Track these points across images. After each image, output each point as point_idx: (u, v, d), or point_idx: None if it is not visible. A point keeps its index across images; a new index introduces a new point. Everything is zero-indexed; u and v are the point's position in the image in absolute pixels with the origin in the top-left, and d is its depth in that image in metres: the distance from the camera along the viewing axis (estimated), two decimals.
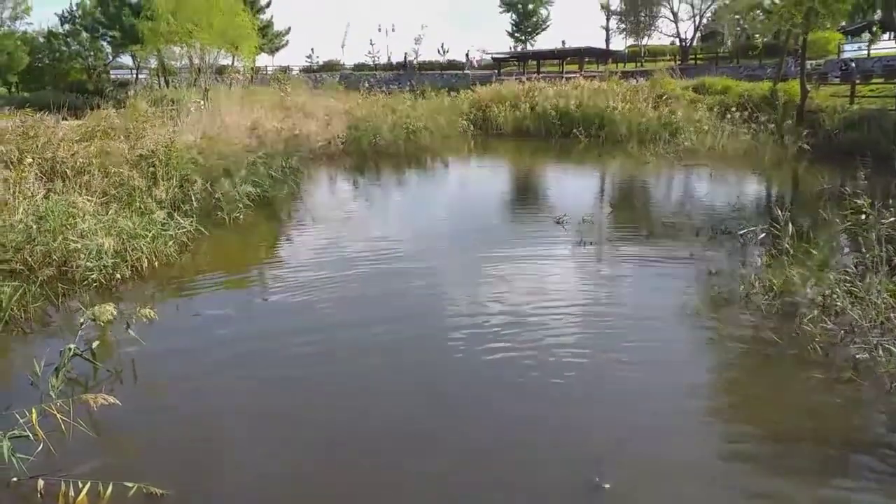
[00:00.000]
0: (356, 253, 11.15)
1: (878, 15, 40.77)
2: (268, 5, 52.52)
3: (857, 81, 26.46)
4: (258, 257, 11.47)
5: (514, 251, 11.07)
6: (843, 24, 40.96)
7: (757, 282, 8.30)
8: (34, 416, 5.03)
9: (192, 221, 11.26)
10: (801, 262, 8.27)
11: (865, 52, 34.65)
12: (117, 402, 5.35)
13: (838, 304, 7.26)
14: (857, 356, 6.43)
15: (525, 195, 18.20)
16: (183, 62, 31.03)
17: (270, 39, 52.18)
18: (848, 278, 7.61)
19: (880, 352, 6.18)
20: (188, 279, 9.80)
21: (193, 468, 5.18)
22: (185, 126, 16.34)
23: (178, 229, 10.87)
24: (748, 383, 6.53)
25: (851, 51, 36.23)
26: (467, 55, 56.35)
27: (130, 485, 4.64)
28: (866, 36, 35.50)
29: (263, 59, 54.40)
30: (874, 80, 27.53)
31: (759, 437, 5.48)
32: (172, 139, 14.20)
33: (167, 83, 32.00)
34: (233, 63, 32.34)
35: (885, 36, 35.15)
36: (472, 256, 10.89)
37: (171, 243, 10.44)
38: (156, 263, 9.88)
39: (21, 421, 5.10)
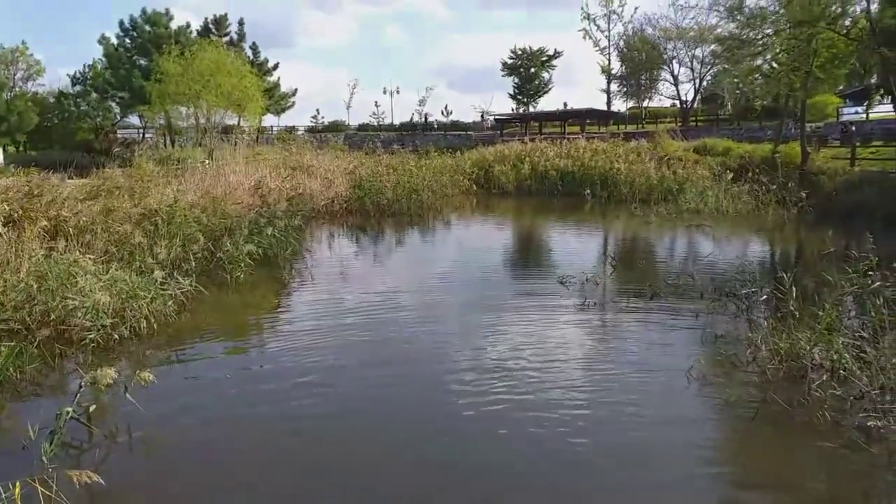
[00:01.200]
0: (357, 312, 11.07)
1: (874, 79, 41.58)
2: (275, 68, 53.82)
3: (857, 144, 26.74)
4: (258, 317, 11.38)
5: (517, 311, 10.98)
6: (842, 87, 41.78)
7: (763, 345, 8.17)
8: (17, 490, 4.86)
9: (191, 281, 11.22)
10: (807, 325, 8.15)
11: (864, 115, 35.17)
12: (101, 480, 5.15)
13: (847, 369, 7.12)
14: (869, 424, 6.25)
15: (528, 254, 18.19)
16: (189, 122, 31.61)
17: (277, 101, 53.30)
18: (856, 342, 7.48)
19: (891, 419, 6.00)
20: (187, 339, 9.69)
21: None
22: (189, 185, 16.50)
23: (178, 289, 10.82)
24: (756, 451, 6.34)
25: (850, 114, 36.79)
26: (482, 116, 57.35)
27: None
28: (876, 99, 36.05)
29: (269, 120, 55.57)
30: (874, 143, 27.83)
31: None
32: (176, 198, 14.31)
33: (173, 142, 32.55)
34: (238, 123, 32.95)
35: (884, 99, 35.64)
36: (474, 316, 10.79)
37: (170, 303, 10.37)
38: (154, 323, 9.78)
39: (3, 495, 4.93)
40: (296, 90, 59.06)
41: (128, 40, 44.02)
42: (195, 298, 11.20)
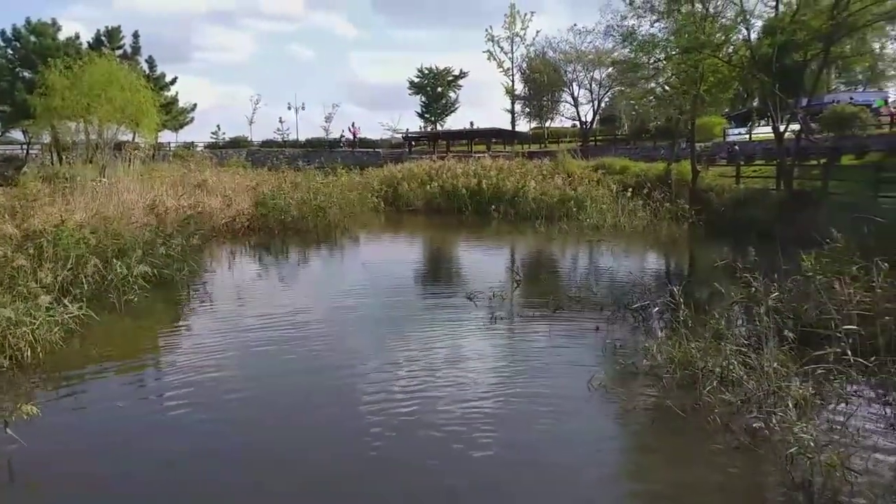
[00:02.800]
0: (259, 334, 10.74)
1: (756, 102, 44.64)
2: (172, 82, 51.96)
3: (742, 163, 28.55)
4: (154, 341, 10.84)
5: (426, 326, 11.00)
6: (727, 110, 44.58)
7: (659, 354, 8.52)
8: None
9: (81, 306, 10.57)
10: (699, 334, 8.56)
11: (747, 136, 37.58)
12: None
13: (735, 374, 7.52)
14: (754, 425, 6.61)
15: (436, 271, 18.28)
16: (79, 137, 29.99)
17: (174, 116, 51.36)
18: (742, 349, 7.92)
19: (774, 420, 6.38)
20: (76, 368, 9.10)
21: None
22: (79, 204, 15.61)
23: (66, 314, 10.17)
24: (653, 456, 6.61)
25: (735, 135, 39.20)
26: (406, 136, 57.07)
27: None
28: (757, 122, 38.48)
29: (167, 136, 53.48)
30: (756, 162, 29.78)
31: None
32: (64, 218, 13.49)
33: (60, 159, 30.66)
34: (133, 139, 31.48)
35: (763, 122, 38.20)
36: (382, 333, 10.73)
37: (56, 330, 9.73)
38: (40, 352, 9.15)
39: None
40: (195, 105, 57.14)
41: (10, 51, 41.37)
42: (85, 324, 10.56)
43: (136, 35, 48.83)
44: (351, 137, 57.48)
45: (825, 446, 5.79)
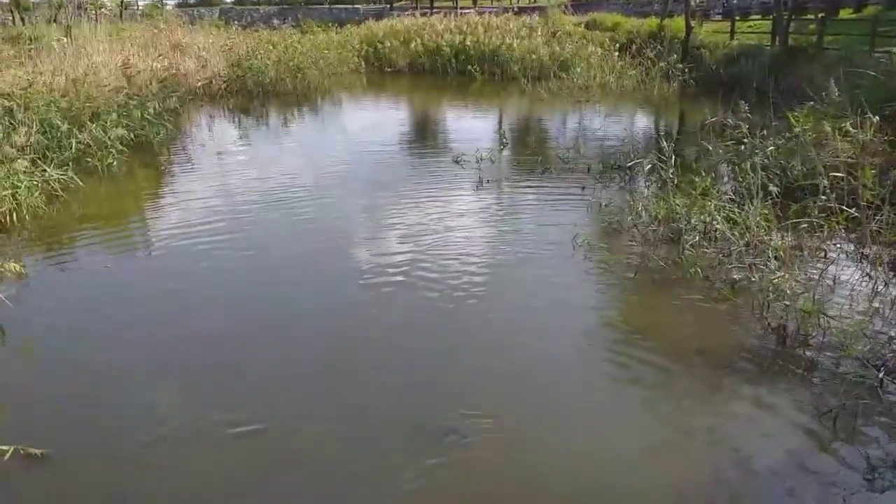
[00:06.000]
0: (244, 198, 10.66)
1: None
2: None
3: (737, 18, 27.51)
4: (138, 205, 10.76)
5: (414, 190, 10.94)
6: None
7: (643, 212, 8.60)
8: None
9: (66, 169, 10.41)
10: (685, 191, 8.59)
11: None
12: None
13: (717, 229, 7.64)
14: (734, 276, 6.80)
15: (422, 133, 17.96)
16: None
17: None
18: (726, 205, 7.98)
19: (753, 272, 6.55)
20: (60, 232, 9.07)
21: (74, 427, 4.84)
22: (45, 66, 14.91)
23: (46, 179, 10.01)
24: (635, 306, 6.80)
25: None
26: None
27: (6, 448, 4.34)
28: None
29: None
30: (752, 17, 28.70)
31: (646, 354, 5.72)
32: (32, 80, 12.92)
33: (23, 20, 28.91)
34: None
35: None
36: (370, 197, 10.68)
37: (37, 194, 9.61)
38: (25, 216, 9.10)
39: None
40: None
41: None
42: (67, 189, 10.43)
43: None
44: None
45: (802, 294, 5.99)
